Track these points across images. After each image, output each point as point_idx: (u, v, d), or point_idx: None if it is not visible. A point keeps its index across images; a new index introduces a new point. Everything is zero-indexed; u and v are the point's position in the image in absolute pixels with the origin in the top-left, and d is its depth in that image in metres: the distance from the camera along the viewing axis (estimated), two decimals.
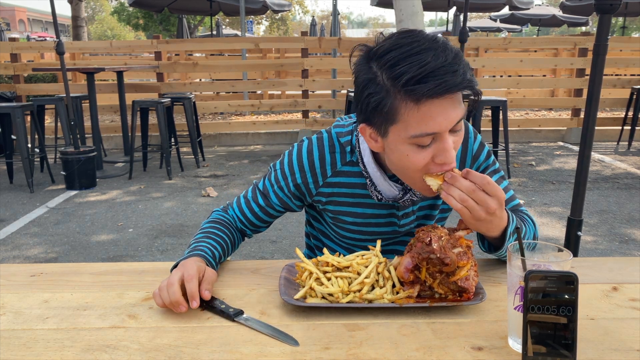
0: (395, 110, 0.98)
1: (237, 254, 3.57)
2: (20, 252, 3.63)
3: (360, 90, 1.03)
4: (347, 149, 1.22)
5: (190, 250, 1.16)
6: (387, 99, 0.98)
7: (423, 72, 0.92)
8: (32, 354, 0.86)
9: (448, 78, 0.93)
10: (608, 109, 9.26)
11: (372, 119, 1.04)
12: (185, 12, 13.84)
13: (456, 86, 0.94)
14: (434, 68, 0.92)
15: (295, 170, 1.24)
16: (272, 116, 8.91)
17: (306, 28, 30.04)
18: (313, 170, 1.23)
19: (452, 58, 0.94)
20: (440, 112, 0.96)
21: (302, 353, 0.86)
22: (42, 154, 5.63)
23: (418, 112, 0.96)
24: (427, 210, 1.29)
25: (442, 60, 0.93)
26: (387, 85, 0.97)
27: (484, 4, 13.82)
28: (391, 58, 0.96)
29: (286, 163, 1.26)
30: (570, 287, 0.79)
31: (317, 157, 1.23)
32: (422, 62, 0.93)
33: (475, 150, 1.27)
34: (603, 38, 2.04)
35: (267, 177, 1.30)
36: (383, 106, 0.99)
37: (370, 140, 1.10)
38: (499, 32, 26.54)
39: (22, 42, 8.08)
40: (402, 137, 1.00)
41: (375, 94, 0.99)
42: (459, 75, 0.94)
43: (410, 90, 0.94)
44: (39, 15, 59.54)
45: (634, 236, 3.81)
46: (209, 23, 16.62)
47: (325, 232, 1.38)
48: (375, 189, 1.19)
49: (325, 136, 1.25)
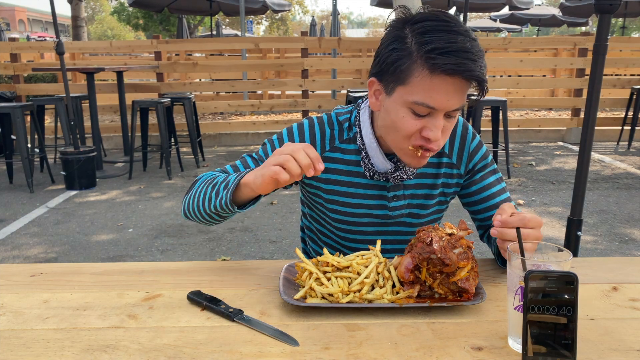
0: (410, 72, 1.04)
1: (237, 254, 3.57)
2: (20, 252, 3.63)
3: (386, 45, 1.09)
4: (345, 126, 1.27)
5: (233, 180, 1.12)
6: (407, 59, 1.04)
7: (449, 47, 0.99)
8: (32, 354, 0.86)
9: (468, 63, 1.00)
10: (608, 109, 9.26)
11: (384, 73, 1.09)
12: (185, 12, 13.83)
13: (471, 72, 1.01)
14: (459, 49, 1.00)
15: (296, 140, 1.27)
16: (272, 116, 8.91)
17: (306, 28, 30.04)
18: (314, 143, 1.26)
19: (477, 51, 1.02)
20: (446, 91, 1.03)
21: (302, 353, 0.86)
22: (42, 154, 5.63)
23: (428, 82, 1.03)
24: (421, 200, 1.29)
25: (468, 46, 1.00)
26: (412, 48, 1.04)
27: (484, 4, 13.83)
28: (425, 26, 1.03)
29: (285, 134, 1.28)
30: (570, 287, 0.79)
31: (318, 131, 1.27)
32: (451, 40, 1.00)
33: (473, 148, 1.29)
34: (603, 38, 2.04)
35: (262, 148, 1.31)
36: (401, 64, 1.05)
37: (372, 97, 1.16)
38: (499, 32, 26.55)
39: (22, 42, 8.08)
40: (404, 99, 1.07)
41: (399, 51, 1.05)
42: (477, 65, 1.01)
43: (431, 58, 1.00)
44: (38, 15, 59.53)
45: (633, 236, 3.81)
46: (208, 23, 16.62)
47: (317, 219, 1.38)
48: (369, 162, 1.23)
49: (325, 116, 1.30)
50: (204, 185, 1.22)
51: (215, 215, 1.19)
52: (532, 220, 1.00)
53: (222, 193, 1.14)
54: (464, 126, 1.30)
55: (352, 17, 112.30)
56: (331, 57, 9.70)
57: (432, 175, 1.29)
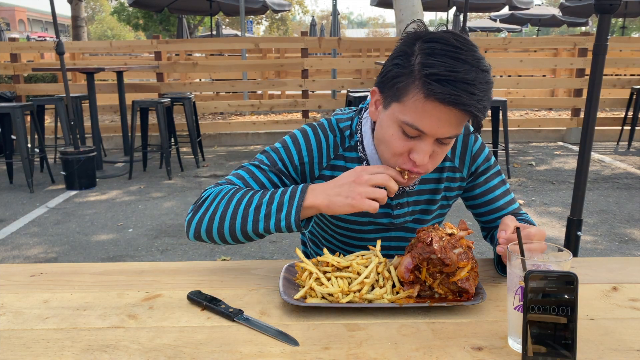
0: (406, 91, 1.01)
1: (237, 254, 3.57)
2: (20, 252, 3.63)
3: (392, 58, 1.07)
4: (346, 134, 1.24)
5: (291, 199, 1.06)
6: (407, 77, 1.01)
7: (448, 76, 0.95)
8: (32, 354, 0.86)
9: (463, 95, 0.95)
10: (608, 109, 9.26)
11: (385, 86, 1.07)
12: (185, 12, 13.83)
13: (464, 105, 0.96)
14: (459, 80, 0.95)
15: (303, 148, 1.23)
16: (272, 116, 8.91)
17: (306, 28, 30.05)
18: (320, 150, 1.24)
19: (481, 84, 0.96)
20: (438, 118, 0.99)
21: (302, 353, 0.86)
22: (42, 154, 5.63)
23: (421, 105, 0.99)
24: (424, 205, 1.29)
25: (470, 78, 0.95)
26: (415, 68, 1.00)
27: (484, 4, 13.83)
28: (433, 47, 0.99)
29: (290, 143, 1.23)
30: (570, 287, 0.79)
31: (323, 138, 1.24)
32: (454, 69, 0.95)
33: (475, 151, 1.28)
34: (603, 38, 2.04)
35: (265, 156, 1.24)
36: (399, 81, 1.02)
37: (372, 105, 1.14)
38: (499, 32, 26.55)
39: (22, 42, 8.08)
40: (396, 117, 1.04)
41: (401, 67, 1.03)
42: (474, 100, 0.96)
43: (427, 83, 0.97)
44: (38, 15, 59.52)
45: (633, 236, 3.81)
46: (208, 23, 16.62)
47: (320, 224, 1.37)
48: None
49: (325, 122, 1.27)
50: (229, 204, 1.11)
51: (256, 237, 1.11)
52: (537, 235, 1.00)
53: (278, 215, 1.06)
54: (466, 129, 1.28)
55: (352, 17, 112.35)
56: (331, 57, 9.70)
57: (434, 180, 1.28)
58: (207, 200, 1.15)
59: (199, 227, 1.14)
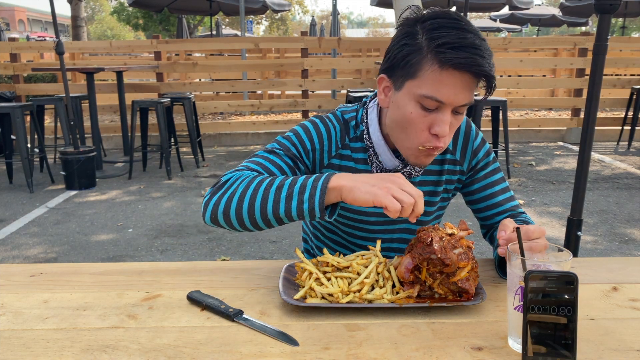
0: (420, 66, 1.05)
1: (237, 254, 3.57)
2: (20, 252, 3.63)
3: (397, 41, 1.11)
4: (352, 124, 1.27)
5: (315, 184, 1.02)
6: (418, 54, 1.06)
7: (459, 42, 1.01)
8: (32, 354, 0.86)
9: (477, 58, 1.01)
10: (608, 109, 9.26)
11: (395, 69, 1.10)
12: (185, 12, 13.83)
13: (480, 67, 1.02)
14: (469, 45, 1.02)
15: (314, 135, 1.25)
16: (272, 116, 8.90)
17: (306, 28, 30.04)
18: (330, 139, 1.26)
19: (486, 49, 1.04)
20: (454, 86, 1.04)
21: (302, 353, 0.86)
22: (41, 154, 5.62)
23: (437, 76, 1.04)
24: (427, 197, 1.30)
25: (478, 43, 1.02)
26: (423, 43, 1.05)
27: (484, 4, 13.83)
28: (436, 23, 1.05)
29: (301, 130, 1.25)
30: (570, 287, 0.79)
31: (331, 127, 1.27)
32: (461, 36, 1.02)
33: (476, 146, 1.31)
34: (603, 38, 2.04)
35: (275, 142, 1.23)
36: (411, 59, 1.06)
37: (381, 93, 1.17)
38: (499, 32, 26.55)
39: (22, 42, 8.07)
40: (413, 93, 1.07)
41: (410, 46, 1.07)
42: (486, 62, 1.02)
43: (442, 52, 1.02)
44: (38, 15, 59.51)
45: (633, 236, 3.81)
46: (208, 23, 16.62)
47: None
48: (377, 159, 1.23)
49: (331, 115, 1.30)
50: (249, 185, 1.07)
51: (275, 221, 1.05)
52: (536, 232, 1.00)
53: (301, 197, 1.01)
54: (467, 124, 1.31)
55: (352, 17, 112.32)
56: (331, 57, 9.71)
57: (436, 172, 1.30)
58: (227, 183, 1.11)
59: (216, 209, 1.08)
